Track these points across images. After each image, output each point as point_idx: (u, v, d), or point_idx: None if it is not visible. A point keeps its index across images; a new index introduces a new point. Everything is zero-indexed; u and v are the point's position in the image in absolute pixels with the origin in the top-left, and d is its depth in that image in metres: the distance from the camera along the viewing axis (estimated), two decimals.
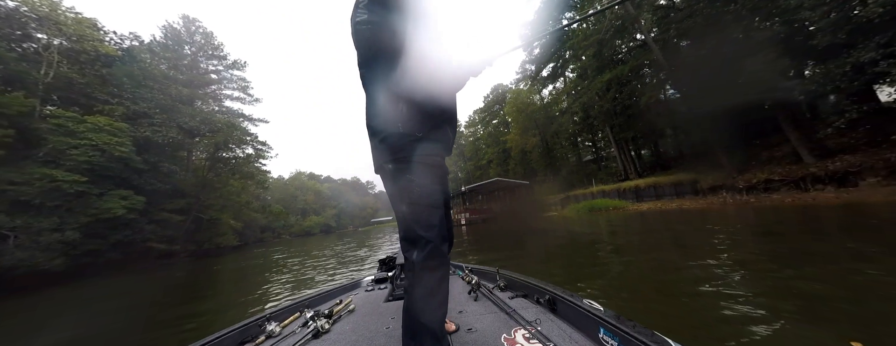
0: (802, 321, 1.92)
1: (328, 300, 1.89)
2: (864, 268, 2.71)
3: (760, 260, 3.43)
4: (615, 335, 0.86)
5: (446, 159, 1.04)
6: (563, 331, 1.03)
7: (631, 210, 14.51)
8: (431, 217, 0.88)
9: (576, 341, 0.96)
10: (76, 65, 15.08)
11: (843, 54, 8.37)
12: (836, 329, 1.77)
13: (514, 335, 1.05)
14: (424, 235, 0.86)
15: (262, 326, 1.37)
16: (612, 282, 3.30)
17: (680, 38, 14.96)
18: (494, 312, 1.32)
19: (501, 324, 1.16)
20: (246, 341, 1.28)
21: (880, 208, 6.17)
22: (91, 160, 12.26)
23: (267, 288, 5.54)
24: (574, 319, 1.08)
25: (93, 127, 12.82)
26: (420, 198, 0.88)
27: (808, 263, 3.15)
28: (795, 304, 2.19)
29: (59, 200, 11.25)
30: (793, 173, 10.27)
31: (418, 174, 0.89)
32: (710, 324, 2.05)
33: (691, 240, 5.30)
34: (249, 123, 26.47)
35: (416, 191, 0.88)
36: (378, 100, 0.92)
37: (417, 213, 0.88)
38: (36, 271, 10.23)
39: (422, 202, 0.89)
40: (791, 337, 1.74)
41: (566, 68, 27.93)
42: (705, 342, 1.81)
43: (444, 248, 0.88)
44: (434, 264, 0.85)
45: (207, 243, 20.51)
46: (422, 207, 0.88)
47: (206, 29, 25.63)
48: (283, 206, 40.25)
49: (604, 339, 0.90)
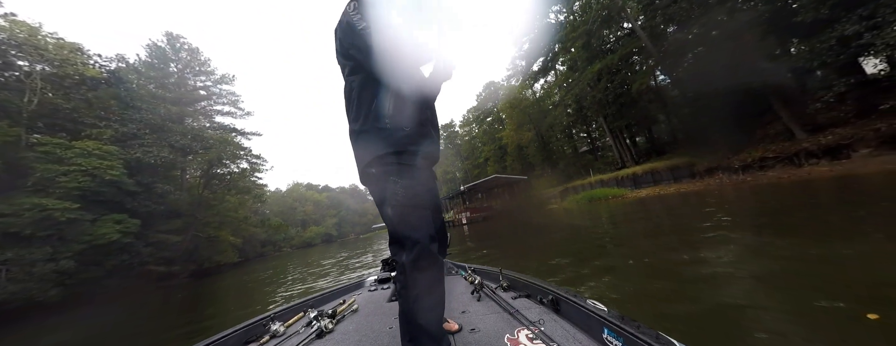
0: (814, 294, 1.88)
1: (332, 300, 1.89)
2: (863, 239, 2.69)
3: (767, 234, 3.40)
4: (619, 336, 0.84)
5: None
6: (567, 331, 1.02)
7: (630, 197, 14.53)
8: (418, 218, 0.89)
9: (579, 341, 0.95)
10: (61, 90, 14.83)
11: (827, 29, 8.43)
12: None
13: (517, 335, 1.05)
14: (411, 236, 0.86)
15: (267, 326, 1.37)
16: (618, 278, 3.25)
17: (667, 23, 15.05)
18: (497, 312, 1.31)
19: (504, 324, 1.16)
20: (250, 340, 1.29)
21: (875, 178, 6.20)
22: (82, 186, 12.03)
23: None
24: (577, 319, 1.07)
25: (81, 152, 12.60)
26: (405, 199, 0.89)
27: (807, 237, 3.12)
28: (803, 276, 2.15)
29: (51, 229, 11.02)
30: (786, 149, 10.33)
31: (403, 176, 0.90)
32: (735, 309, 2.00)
33: (692, 223, 5.28)
34: (242, 138, 26.21)
35: (401, 193, 0.89)
36: (363, 105, 0.94)
37: (403, 215, 0.89)
38: (32, 304, 10.00)
39: (407, 204, 0.89)
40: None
41: (556, 61, 28.00)
42: (712, 341, 1.74)
43: (432, 248, 0.87)
44: (424, 264, 0.85)
45: (207, 262, 20.24)
46: (408, 208, 0.89)
47: (191, 45, 25.38)
48: (282, 218, 39.96)
49: (608, 339, 0.89)
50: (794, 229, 3.58)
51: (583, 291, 2.84)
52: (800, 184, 7.86)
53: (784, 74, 10.55)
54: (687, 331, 1.81)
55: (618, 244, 4.90)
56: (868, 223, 3.30)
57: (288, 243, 50.86)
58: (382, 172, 0.91)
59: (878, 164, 7.33)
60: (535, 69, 30.40)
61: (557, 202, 19.70)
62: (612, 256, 4.22)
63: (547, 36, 25.71)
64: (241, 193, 23.62)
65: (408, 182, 0.89)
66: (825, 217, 4.08)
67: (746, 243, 3.34)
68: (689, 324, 1.90)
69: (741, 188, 9.53)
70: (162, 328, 5.24)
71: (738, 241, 3.50)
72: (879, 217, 3.42)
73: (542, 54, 28.17)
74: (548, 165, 29.05)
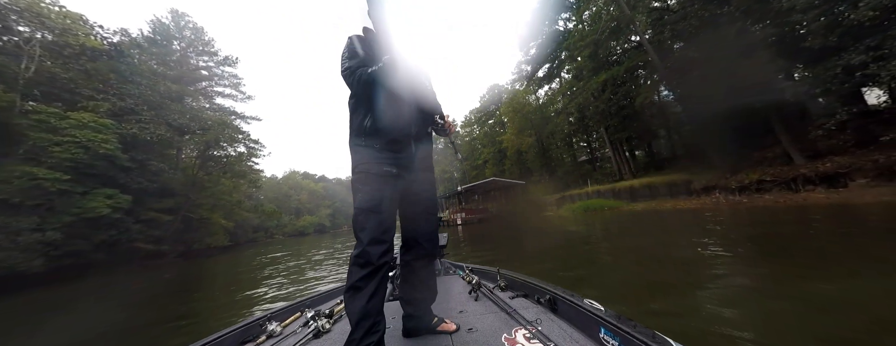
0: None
1: (329, 300, 1.90)
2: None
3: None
4: (616, 335, 0.85)
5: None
6: (564, 331, 1.03)
7: (625, 210, 14.60)
8: (365, 221, 1.02)
9: (576, 340, 0.96)
10: (60, 59, 14.56)
11: (833, 57, 8.49)
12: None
13: (514, 334, 1.06)
14: (358, 235, 1.02)
15: (263, 326, 1.37)
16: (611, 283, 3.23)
17: (675, 39, 15.10)
18: (495, 312, 1.31)
19: (502, 324, 1.17)
20: (247, 340, 1.28)
21: (870, 209, 6.25)
22: (74, 157, 11.82)
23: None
24: (575, 319, 1.08)
25: (76, 123, 12.37)
26: (360, 203, 1.05)
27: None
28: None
29: (40, 198, 10.82)
30: (784, 173, 10.42)
31: (358, 182, 1.08)
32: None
33: (687, 241, 5.29)
34: (241, 121, 25.98)
35: (358, 196, 1.06)
36: (353, 122, 1.14)
37: (355, 215, 1.05)
38: (14, 273, 9.82)
39: (361, 206, 1.04)
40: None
41: (562, 69, 28.05)
42: (710, 341, 1.76)
43: (370, 249, 1.00)
44: (360, 261, 1.00)
45: (197, 244, 20.02)
46: (358, 211, 1.05)
47: (195, 24, 25.04)
48: (276, 205, 39.53)
49: (604, 339, 0.89)
50: (784, 258, 3.58)
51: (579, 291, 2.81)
52: (795, 209, 7.92)
53: (787, 98, 10.63)
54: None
55: (609, 254, 4.89)
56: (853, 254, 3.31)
57: (280, 231, 50.52)
58: (354, 179, 1.11)
59: (875, 195, 7.41)
60: (540, 75, 30.44)
61: (553, 210, 19.75)
62: (597, 266, 4.20)
63: (554, 43, 25.73)
64: (236, 176, 23.36)
65: (364, 187, 1.06)
66: (819, 247, 4.09)
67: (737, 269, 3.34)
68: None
69: (737, 209, 9.60)
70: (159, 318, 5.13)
71: (731, 267, 3.49)
72: (872, 248, 3.43)
73: (549, 61, 28.20)
74: (546, 171, 29.11)
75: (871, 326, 1.73)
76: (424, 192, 1.22)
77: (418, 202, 1.20)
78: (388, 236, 1.04)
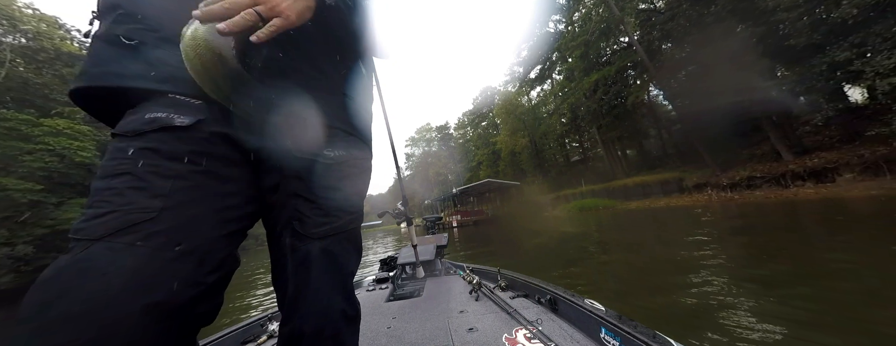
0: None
1: None
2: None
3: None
4: (617, 335, 0.85)
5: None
6: (565, 331, 1.03)
7: (620, 209, 14.63)
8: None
9: (577, 340, 0.96)
10: (33, 64, 13.94)
11: (818, 55, 8.66)
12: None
13: (515, 334, 1.06)
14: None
15: (264, 326, 1.36)
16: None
17: (663, 40, 15.32)
18: (495, 312, 1.31)
19: (502, 324, 1.17)
20: (248, 340, 1.28)
21: (858, 203, 6.30)
22: (48, 166, 11.23)
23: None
24: (575, 319, 1.08)
25: (50, 130, 11.78)
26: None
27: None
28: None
29: (10, 210, 10.21)
30: (774, 170, 10.56)
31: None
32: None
33: (681, 237, 5.21)
34: None
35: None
36: None
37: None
38: None
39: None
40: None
41: (553, 70, 28.30)
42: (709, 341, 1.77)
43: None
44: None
45: None
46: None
47: None
48: None
49: (605, 339, 0.89)
50: (774, 249, 3.54)
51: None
52: (785, 204, 7.98)
53: (774, 96, 10.81)
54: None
55: (604, 252, 4.77)
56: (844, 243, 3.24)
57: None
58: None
59: (862, 189, 7.52)
60: (532, 77, 30.66)
61: (549, 210, 19.73)
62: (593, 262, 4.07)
63: (545, 45, 25.96)
64: None
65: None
66: (807, 240, 4.07)
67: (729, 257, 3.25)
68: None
69: (729, 205, 9.65)
70: None
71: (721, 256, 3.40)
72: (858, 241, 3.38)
73: (540, 62, 28.44)
74: (540, 172, 29.21)
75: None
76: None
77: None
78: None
